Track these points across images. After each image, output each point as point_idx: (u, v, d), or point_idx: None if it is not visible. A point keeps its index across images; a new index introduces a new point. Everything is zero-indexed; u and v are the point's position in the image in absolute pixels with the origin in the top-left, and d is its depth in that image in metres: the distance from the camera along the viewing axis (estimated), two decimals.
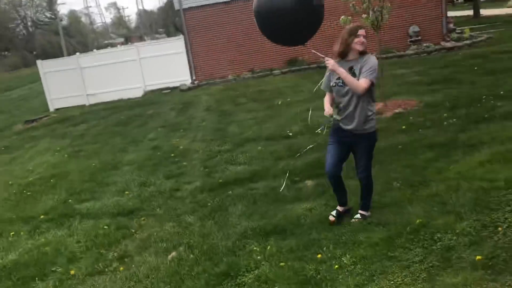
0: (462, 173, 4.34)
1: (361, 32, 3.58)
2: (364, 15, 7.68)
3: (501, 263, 2.67)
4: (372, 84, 3.51)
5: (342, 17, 7.91)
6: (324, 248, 3.45)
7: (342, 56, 3.66)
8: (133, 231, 4.70)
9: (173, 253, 4.00)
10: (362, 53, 3.60)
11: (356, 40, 3.55)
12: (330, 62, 3.59)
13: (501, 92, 7.45)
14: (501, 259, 2.71)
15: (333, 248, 3.41)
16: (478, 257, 2.76)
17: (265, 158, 6.42)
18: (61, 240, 4.69)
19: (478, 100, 7.30)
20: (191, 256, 3.85)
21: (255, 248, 3.75)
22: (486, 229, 3.11)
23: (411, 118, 7.07)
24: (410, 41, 15.29)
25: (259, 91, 12.57)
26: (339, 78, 3.64)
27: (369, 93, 3.60)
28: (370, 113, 3.66)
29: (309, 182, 5.17)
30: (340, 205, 4.00)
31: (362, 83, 3.49)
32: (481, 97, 7.40)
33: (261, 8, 3.65)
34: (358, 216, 3.86)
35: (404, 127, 6.62)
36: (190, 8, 15.76)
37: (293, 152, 6.43)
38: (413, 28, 15.26)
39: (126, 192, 5.91)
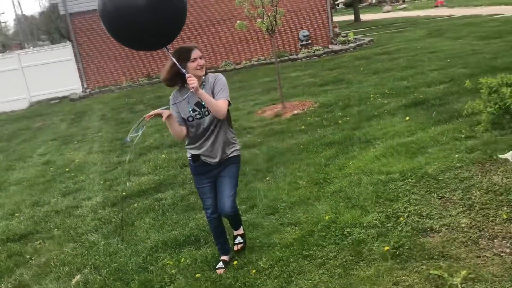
0: (361, 168, 4.59)
1: (196, 54, 2.99)
2: (259, 20, 7.84)
3: (406, 251, 2.86)
4: (229, 104, 3.05)
5: (238, 22, 8.02)
6: (240, 254, 3.42)
7: (173, 84, 3.08)
8: (28, 257, 4.24)
9: (78, 277, 3.69)
10: (204, 74, 3.08)
11: (191, 65, 2.96)
12: (194, 81, 2.82)
13: (386, 91, 8.07)
14: (406, 248, 2.89)
15: (249, 253, 3.39)
16: (386, 248, 2.92)
17: (171, 166, 6.24)
18: None
19: (367, 98, 7.83)
20: (99, 277, 3.58)
21: (168, 261, 3.60)
22: (390, 220, 3.31)
23: (309, 118, 7.36)
24: (301, 45, 16.01)
25: (157, 97, 12.25)
26: (195, 109, 3.04)
27: (227, 115, 3.14)
28: (232, 135, 3.25)
29: None
30: (224, 254, 3.42)
31: (223, 104, 2.98)
32: (369, 96, 7.95)
33: (109, 6, 2.73)
34: (239, 239, 3.45)
35: (303, 127, 6.86)
36: (78, 12, 14.86)
37: None
38: (303, 33, 15.99)
39: (16, 215, 5.35)
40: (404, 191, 3.74)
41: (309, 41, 16.05)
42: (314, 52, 15.29)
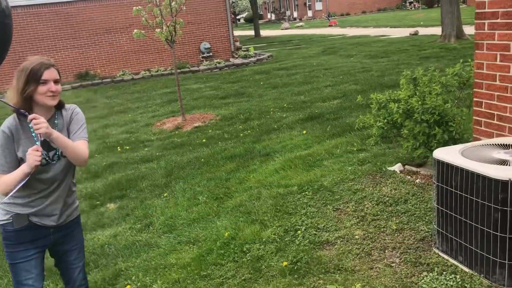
0: (261, 181, 4.59)
1: (49, 74, 2.13)
2: (157, 30, 7.61)
3: (304, 266, 2.85)
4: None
5: (135, 30, 7.71)
6: (133, 277, 3.18)
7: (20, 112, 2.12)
8: None
9: None
10: (59, 106, 2.24)
11: (41, 89, 2.11)
12: (41, 124, 1.98)
13: (285, 105, 8.28)
14: (304, 262, 2.89)
15: (143, 276, 3.17)
16: (284, 263, 2.90)
17: None
18: None
19: (267, 112, 7.96)
20: None
21: None
22: (288, 233, 3.30)
23: (210, 131, 7.27)
24: (203, 57, 15.96)
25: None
26: (47, 146, 2.18)
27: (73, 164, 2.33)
28: (74, 189, 2.42)
29: (111, 206, 4.78)
30: None
31: (85, 148, 2.25)
32: (269, 109, 8.10)
33: None
34: None
35: (204, 140, 6.75)
36: None
37: (91, 174, 5.91)
38: (204, 45, 15.97)
39: None
40: (302, 204, 3.78)
41: (211, 54, 16.06)
42: (216, 64, 15.32)
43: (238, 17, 53.66)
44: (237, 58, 16.44)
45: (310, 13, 49.19)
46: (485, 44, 3.23)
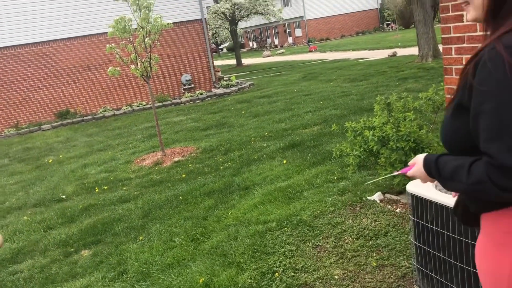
0: (239, 218, 4.43)
1: None
2: (132, 66, 7.54)
3: None
4: None
5: (110, 68, 7.64)
6: None
7: None
8: None
9: None
10: None
11: None
12: None
13: (266, 134, 8.20)
14: None
15: None
16: None
17: (33, 230, 5.50)
18: None
19: (248, 142, 7.86)
20: None
21: None
22: (265, 277, 3.14)
23: (190, 165, 7.13)
24: (184, 89, 15.94)
25: (25, 149, 11.11)
26: None
27: None
28: None
29: (85, 252, 4.57)
30: None
31: None
32: (250, 139, 8.00)
33: None
34: None
35: (184, 175, 6.60)
36: None
37: (67, 218, 5.70)
38: (185, 77, 15.97)
39: None
40: (280, 242, 3.63)
41: (192, 85, 16.05)
42: (198, 96, 15.28)
43: (220, 46, 54.20)
44: (218, 88, 16.45)
45: (290, 40, 49.92)
46: (454, 69, 3.18)
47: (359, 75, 14.19)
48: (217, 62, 23.35)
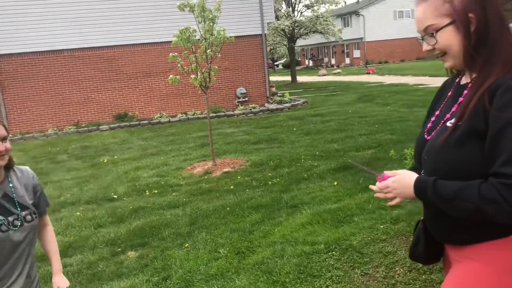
0: (286, 236, 4.36)
1: (1, 132, 1.93)
2: (192, 76, 7.71)
3: None
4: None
5: (171, 76, 7.85)
6: None
7: None
8: None
9: None
10: (8, 166, 2.04)
11: None
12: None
13: (317, 153, 8.10)
14: None
15: None
16: None
17: (84, 226, 5.68)
18: None
19: (298, 159, 7.79)
20: None
21: None
22: None
23: (239, 177, 7.15)
24: (238, 102, 16.13)
25: (83, 147, 11.59)
26: (5, 212, 1.95)
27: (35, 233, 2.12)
28: (34, 260, 2.17)
29: (131, 254, 4.65)
30: None
31: (48, 221, 2.29)
32: (300, 157, 7.93)
33: None
34: None
35: (232, 187, 6.62)
36: (7, 54, 14.12)
37: (116, 218, 5.85)
38: (240, 90, 16.18)
39: None
40: (328, 265, 3.53)
41: (246, 99, 16.22)
42: (251, 109, 15.41)
43: (276, 63, 54.65)
44: (272, 103, 16.52)
45: (347, 60, 49.53)
46: None
47: (417, 101, 13.80)
48: (272, 78, 23.56)
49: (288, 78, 31.94)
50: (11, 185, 2.00)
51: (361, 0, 48.77)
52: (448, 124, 1.46)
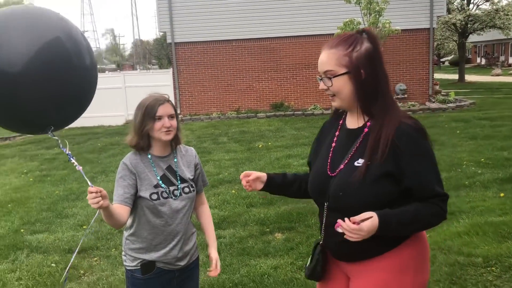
0: (438, 243, 4.10)
1: (163, 110, 2.14)
2: None
3: None
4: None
5: None
6: None
7: (141, 148, 2.22)
8: (82, 272, 4.30)
9: None
10: (176, 142, 2.28)
11: (157, 125, 2.14)
12: (96, 199, 1.83)
13: (482, 160, 7.36)
14: None
15: None
16: None
17: (238, 203, 6.12)
18: (1, 275, 4.25)
19: (459, 165, 7.19)
20: None
21: None
22: None
23: None
24: (396, 98, 15.45)
25: (241, 131, 12.40)
26: (167, 182, 2.20)
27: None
28: (195, 231, 2.41)
29: (278, 235, 4.87)
30: None
31: (205, 200, 2.53)
32: (462, 162, 7.30)
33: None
34: None
35: None
36: (183, 42, 15.79)
37: (266, 200, 6.16)
38: (400, 86, 15.46)
39: (84, 227, 5.52)
40: (485, 281, 3.23)
41: (405, 95, 15.46)
42: (409, 107, 14.65)
43: (442, 59, 50.74)
44: (433, 102, 15.45)
45: None
46: None
47: None
48: (437, 75, 21.90)
49: (455, 76, 29.43)
50: (175, 160, 2.26)
51: None
52: (356, 164, 1.70)
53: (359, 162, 1.69)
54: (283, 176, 2.11)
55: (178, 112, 16.63)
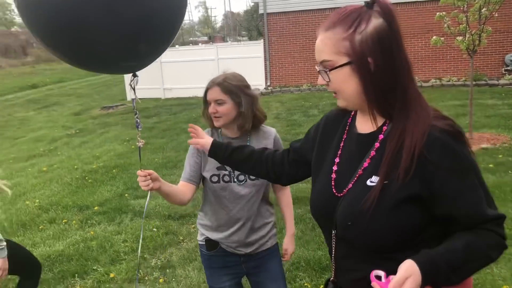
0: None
1: (209, 95, 2.06)
2: (459, 38, 7.00)
3: None
4: None
5: (434, 37, 7.30)
6: None
7: (213, 126, 2.15)
8: (181, 238, 4.48)
9: None
10: (255, 126, 2.12)
11: (210, 110, 2.07)
12: (145, 181, 1.82)
13: None
14: None
15: None
16: None
17: None
18: (109, 237, 4.58)
19: None
20: None
21: (306, 283, 3.37)
22: None
23: (500, 156, 6.31)
24: (506, 70, 14.06)
25: (333, 104, 12.09)
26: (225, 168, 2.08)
27: (267, 188, 2.20)
28: (268, 214, 2.22)
29: None
30: None
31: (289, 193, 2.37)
32: None
33: None
34: None
35: (491, 165, 5.89)
36: (274, 13, 15.63)
37: None
38: (510, 56, 14.02)
39: None
40: None
41: None
42: None
43: None
44: None
45: None
46: None
47: None
48: None
49: None
50: (248, 143, 2.10)
51: None
52: (369, 183, 1.25)
53: (373, 180, 1.25)
54: (232, 151, 1.71)
55: (268, 83, 16.55)
